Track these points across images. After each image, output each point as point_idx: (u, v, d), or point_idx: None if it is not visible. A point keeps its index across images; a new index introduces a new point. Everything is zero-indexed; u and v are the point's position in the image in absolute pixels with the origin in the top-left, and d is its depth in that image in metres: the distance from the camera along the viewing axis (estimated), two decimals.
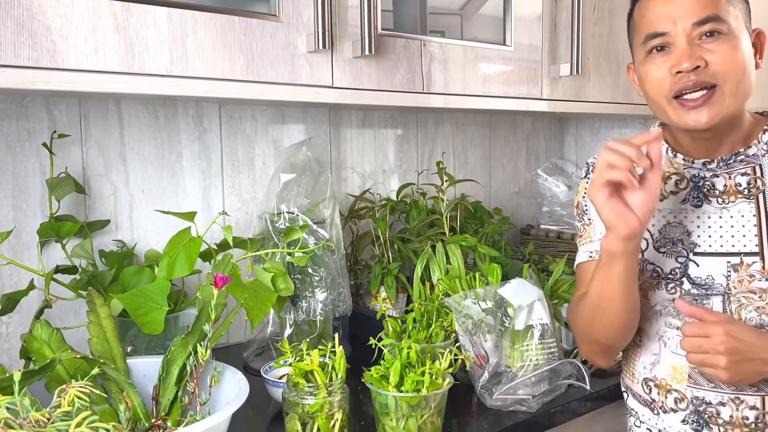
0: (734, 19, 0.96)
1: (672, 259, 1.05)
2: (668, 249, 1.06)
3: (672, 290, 1.05)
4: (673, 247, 1.05)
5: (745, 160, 1.03)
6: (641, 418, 1.12)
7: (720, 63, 0.94)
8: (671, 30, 0.97)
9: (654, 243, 1.07)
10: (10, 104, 1.21)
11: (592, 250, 1.13)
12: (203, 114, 1.44)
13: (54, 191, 1.19)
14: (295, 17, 1.10)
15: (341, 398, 0.98)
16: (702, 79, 0.95)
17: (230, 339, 1.50)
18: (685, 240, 1.05)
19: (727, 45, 0.95)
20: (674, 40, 0.97)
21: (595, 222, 1.14)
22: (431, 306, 1.25)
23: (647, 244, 1.08)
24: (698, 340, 0.94)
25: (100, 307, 0.95)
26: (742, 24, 0.98)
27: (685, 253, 1.04)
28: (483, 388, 1.16)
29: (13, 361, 1.21)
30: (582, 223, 1.17)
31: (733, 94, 0.96)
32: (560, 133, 2.22)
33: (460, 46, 1.33)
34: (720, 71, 0.95)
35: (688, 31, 0.96)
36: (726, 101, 0.96)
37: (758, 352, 0.93)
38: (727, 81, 0.95)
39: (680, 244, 1.05)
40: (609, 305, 1.01)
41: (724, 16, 0.95)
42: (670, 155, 1.08)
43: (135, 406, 0.90)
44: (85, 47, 0.91)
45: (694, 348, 0.95)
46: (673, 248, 1.05)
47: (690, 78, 0.95)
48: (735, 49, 0.95)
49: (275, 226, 1.28)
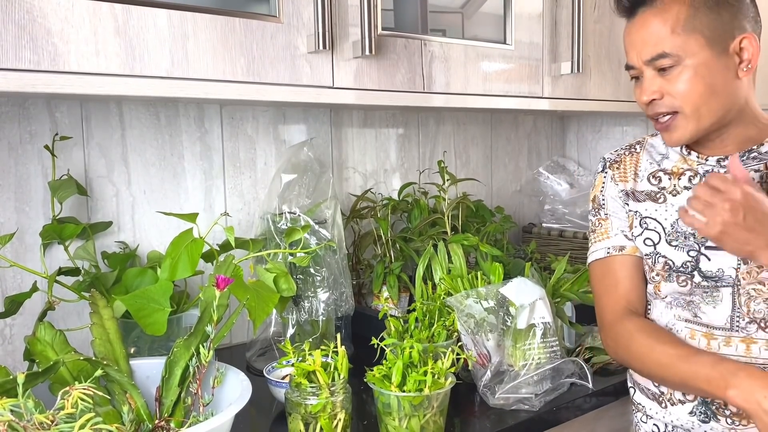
0: (688, 48, 0.98)
1: (683, 253, 1.07)
2: (680, 242, 1.07)
3: (683, 283, 1.06)
4: (684, 241, 1.07)
5: (758, 157, 1.04)
6: (648, 412, 1.13)
7: (675, 94, 1.01)
8: (636, 63, 1.04)
9: (666, 237, 1.09)
10: (12, 107, 1.21)
11: (610, 246, 1.15)
12: (204, 115, 1.44)
13: (56, 193, 1.19)
14: (296, 18, 1.11)
15: (344, 398, 0.98)
16: (658, 111, 1.03)
17: (233, 339, 1.51)
18: (696, 234, 1.05)
19: (681, 77, 1.00)
20: (641, 71, 1.04)
21: (612, 217, 1.15)
22: (433, 305, 1.25)
23: (659, 237, 1.09)
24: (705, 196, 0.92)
25: (102, 309, 0.95)
26: (703, 47, 0.98)
27: (697, 247, 1.06)
28: (485, 387, 1.16)
29: (16, 363, 1.22)
30: (597, 217, 1.18)
31: (696, 117, 1.01)
32: (562, 131, 2.22)
33: (460, 45, 1.33)
34: (675, 102, 1.01)
35: (647, 65, 1.02)
36: (690, 124, 1.01)
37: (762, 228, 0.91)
38: (686, 108, 1.01)
39: (692, 238, 1.06)
40: (667, 384, 1.06)
41: (672, 50, 0.99)
42: (684, 152, 1.11)
43: (138, 407, 0.90)
44: (86, 50, 0.92)
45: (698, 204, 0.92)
46: (685, 242, 1.07)
47: (652, 108, 1.04)
48: (688, 80, 0.99)
49: (277, 226, 1.29)
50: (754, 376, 0.90)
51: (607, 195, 1.17)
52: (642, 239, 1.11)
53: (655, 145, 1.16)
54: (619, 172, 1.17)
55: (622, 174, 1.16)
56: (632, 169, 1.15)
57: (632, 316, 1.10)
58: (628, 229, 1.14)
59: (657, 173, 1.12)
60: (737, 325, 1.03)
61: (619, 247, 1.14)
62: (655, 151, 1.15)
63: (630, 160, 1.17)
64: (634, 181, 1.14)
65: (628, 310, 1.11)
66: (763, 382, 0.89)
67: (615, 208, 1.16)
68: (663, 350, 1.02)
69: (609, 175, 1.18)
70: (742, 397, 0.89)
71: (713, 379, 0.93)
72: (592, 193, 1.21)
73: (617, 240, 1.14)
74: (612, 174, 1.17)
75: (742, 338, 1.02)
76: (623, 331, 1.09)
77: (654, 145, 1.16)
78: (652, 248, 1.10)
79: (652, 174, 1.13)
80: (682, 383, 1.00)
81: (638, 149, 1.17)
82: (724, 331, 1.04)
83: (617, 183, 1.16)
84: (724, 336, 1.04)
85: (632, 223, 1.13)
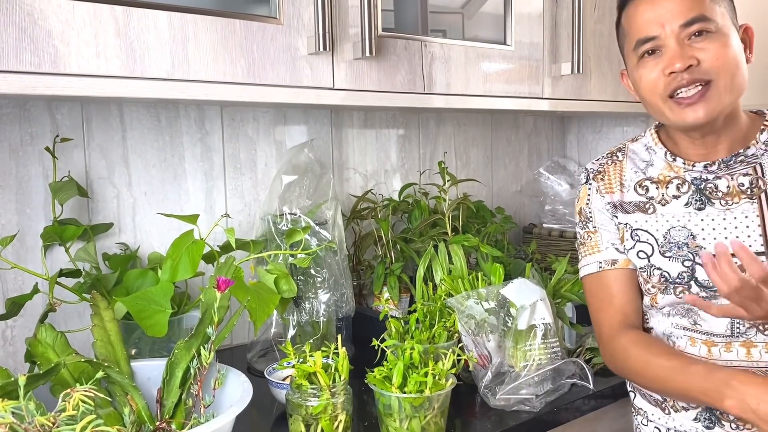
0: (721, 17, 0.98)
1: (678, 263, 1.05)
2: (674, 253, 1.06)
3: (680, 294, 1.05)
4: (678, 251, 1.05)
5: (745, 161, 1.03)
6: (650, 417, 1.12)
7: (712, 60, 0.96)
8: (660, 33, 0.98)
9: (659, 248, 1.07)
10: (12, 109, 1.22)
11: (602, 260, 1.12)
12: (205, 116, 1.44)
13: (57, 195, 1.19)
14: (296, 19, 1.11)
15: (344, 399, 0.98)
16: (696, 77, 0.97)
17: (234, 340, 1.51)
18: (690, 243, 1.04)
19: (717, 42, 0.97)
20: (664, 42, 0.98)
21: (601, 230, 1.13)
22: (434, 306, 1.25)
23: (652, 249, 1.08)
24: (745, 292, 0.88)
25: (103, 311, 0.95)
26: (729, 21, 0.99)
27: (692, 257, 1.04)
28: (486, 388, 1.16)
29: (17, 365, 1.22)
30: (586, 230, 1.16)
31: (728, 88, 0.97)
32: (562, 131, 2.22)
33: (460, 45, 1.33)
34: (713, 67, 0.96)
35: (677, 33, 0.97)
36: (722, 96, 0.97)
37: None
38: (721, 76, 0.97)
39: (685, 248, 1.04)
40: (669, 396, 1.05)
41: (711, 15, 0.97)
42: (669, 159, 1.08)
43: (139, 409, 0.90)
44: (87, 52, 0.92)
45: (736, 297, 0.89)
46: (679, 252, 1.05)
47: (684, 77, 0.97)
48: (725, 45, 0.97)
49: (278, 227, 1.29)
50: (746, 382, 0.89)
51: (594, 208, 1.14)
52: (635, 252, 1.09)
53: (637, 152, 1.13)
54: (604, 183, 1.13)
55: (607, 185, 1.13)
56: (617, 179, 1.12)
57: (627, 331, 1.08)
58: (618, 242, 1.12)
59: (643, 182, 1.10)
60: (737, 331, 1.02)
61: (611, 261, 1.12)
62: (638, 158, 1.12)
63: (614, 169, 1.13)
64: (620, 192, 1.11)
65: (624, 324, 1.09)
66: (756, 389, 0.88)
67: (603, 221, 1.13)
68: (659, 364, 1.00)
69: (594, 186, 1.15)
70: (738, 407, 0.89)
71: (708, 391, 0.93)
72: (578, 206, 1.18)
73: (609, 254, 1.12)
74: (597, 186, 1.14)
75: (742, 342, 1.01)
76: (619, 346, 1.07)
77: (636, 152, 1.13)
78: (646, 261, 1.08)
79: (639, 183, 1.10)
80: (682, 395, 1.00)
81: (620, 157, 1.14)
82: (724, 337, 1.03)
83: (603, 195, 1.13)
84: (724, 342, 1.03)
85: (623, 236, 1.11)
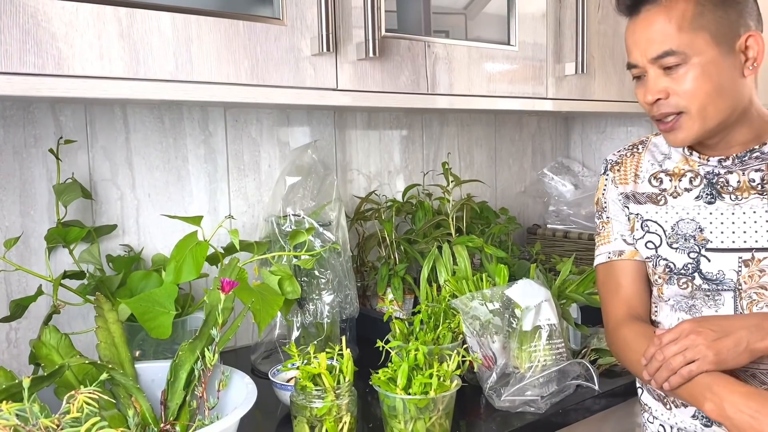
0: (697, 47, 0.96)
1: (684, 255, 1.06)
2: (680, 245, 1.07)
3: (684, 285, 1.06)
4: (685, 243, 1.06)
5: (760, 157, 1.04)
6: (654, 413, 1.13)
7: (681, 94, 0.98)
8: (639, 61, 1.01)
9: (667, 239, 1.08)
10: (16, 111, 1.22)
11: (611, 251, 1.15)
12: (208, 118, 1.44)
13: (61, 197, 1.19)
14: (299, 20, 1.10)
15: (349, 401, 0.98)
16: (664, 111, 1.00)
17: (238, 342, 1.50)
18: (697, 236, 1.05)
19: (687, 75, 0.97)
20: (645, 70, 1.01)
21: (613, 221, 1.16)
22: (438, 307, 1.25)
23: (660, 240, 1.09)
24: (674, 348, 0.94)
25: (107, 312, 0.95)
26: (712, 46, 0.96)
27: (697, 249, 1.05)
28: (491, 390, 1.16)
29: (22, 367, 1.22)
30: (601, 220, 1.19)
31: (702, 117, 0.99)
32: (566, 132, 2.22)
33: (464, 46, 1.33)
34: (681, 101, 0.99)
35: (652, 63, 0.99)
36: (695, 124, 0.99)
37: (729, 327, 0.93)
38: (691, 108, 0.98)
39: (692, 240, 1.06)
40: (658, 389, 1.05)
41: (682, 47, 0.96)
42: (686, 153, 1.09)
43: (144, 411, 0.90)
44: (90, 54, 0.92)
45: (676, 360, 0.94)
46: (685, 244, 1.06)
47: (654, 109, 1.01)
48: (695, 78, 0.97)
49: (281, 228, 1.29)
50: (728, 389, 0.89)
51: (608, 198, 1.17)
52: (643, 242, 1.11)
53: (659, 145, 1.15)
54: (619, 174, 1.16)
55: (622, 176, 1.15)
56: (632, 170, 1.15)
57: (632, 322, 1.09)
58: (628, 233, 1.14)
59: (658, 174, 1.12)
60: None
61: (618, 252, 1.14)
62: (658, 150, 1.14)
63: (631, 161, 1.16)
64: (634, 183, 1.14)
65: (629, 315, 1.11)
66: (736, 397, 0.88)
67: (615, 212, 1.16)
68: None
69: (610, 177, 1.17)
70: (716, 412, 0.89)
71: (693, 392, 0.93)
72: (596, 196, 1.21)
73: (616, 245, 1.15)
74: (613, 176, 1.17)
75: None
76: (621, 337, 1.09)
77: (657, 145, 1.15)
78: (653, 251, 1.10)
79: (654, 175, 1.12)
80: (672, 392, 0.99)
81: (641, 149, 1.16)
82: None
83: (617, 185, 1.16)
84: None
85: (633, 226, 1.13)
